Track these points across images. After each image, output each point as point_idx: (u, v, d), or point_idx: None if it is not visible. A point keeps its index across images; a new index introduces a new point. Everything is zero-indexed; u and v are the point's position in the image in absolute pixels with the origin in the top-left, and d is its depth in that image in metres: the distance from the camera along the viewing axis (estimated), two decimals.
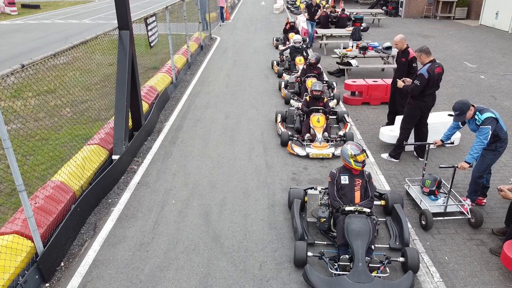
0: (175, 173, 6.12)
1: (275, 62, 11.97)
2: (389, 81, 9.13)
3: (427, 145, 5.44)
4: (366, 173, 4.69)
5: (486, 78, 11.18)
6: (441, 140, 5.34)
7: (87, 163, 5.64)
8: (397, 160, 6.34)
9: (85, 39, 5.46)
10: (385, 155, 6.45)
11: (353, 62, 10.68)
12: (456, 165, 4.82)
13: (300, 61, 11.07)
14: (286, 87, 9.82)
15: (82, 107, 8.76)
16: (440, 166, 4.92)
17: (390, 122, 7.71)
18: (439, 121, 6.83)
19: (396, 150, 6.29)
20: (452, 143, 5.40)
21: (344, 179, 4.61)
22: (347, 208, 4.20)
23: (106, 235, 4.71)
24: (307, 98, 7.51)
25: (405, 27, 20.14)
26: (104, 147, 6.23)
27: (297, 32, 15.12)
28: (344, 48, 11.64)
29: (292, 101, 8.87)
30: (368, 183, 4.64)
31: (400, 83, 6.37)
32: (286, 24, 15.57)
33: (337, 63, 11.81)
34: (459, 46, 15.49)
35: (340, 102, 9.16)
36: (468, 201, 5.17)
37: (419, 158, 6.48)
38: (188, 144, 7.11)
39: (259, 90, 10.19)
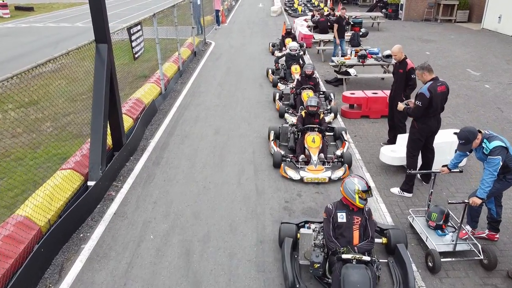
0: (156, 200, 5.58)
1: (270, 71, 11.44)
2: (389, 92, 8.61)
3: (433, 174, 4.91)
4: (366, 209, 4.16)
5: (491, 88, 10.66)
6: (447, 168, 4.82)
7: (58, 193, 5.10)
8: (410, 194, 5.68)
9: (54, 56, 4.92)
10: (395, 190, 5.78)
11: (352, 71, 10.16)
12: (467, 201, 4.30)
13: (296, 70, 10.54)
14: (280, 99, 9.29)
15: (64, 121, 8.23)
16: (450, 202, 4.39)
17: (392, 140, 7.19)
18: (444, 140, 6.28)
19: (408, 183, 5.65)
20: (461, 171, 4.88)
21: (342, 217, 4.09)
22: (344, 256, 3.67)
23: (72, 280, 4.17)
24: (302, 113, 6.98)
25: (405, 31, 19.63)
26: (79, 172, 5.69)
27: (294, 38, 14.59)
28: (342, 55, 11.10)
29: (286, 115, 8.34)
30: (368, 220, 4.12)
31: (400, 106, 5.79)
32: (286, 28, 15.01)
33: (335, 71, 11.28)
34: (461, 51, 14.98)
35: (338, 116, 8.62)
36: (468, 227, 4.69)
37: (423, 182, 5.95)
38: (173, 165, 6.57)
39: (253, 101, 9.65)
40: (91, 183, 5.52)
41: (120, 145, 6.57)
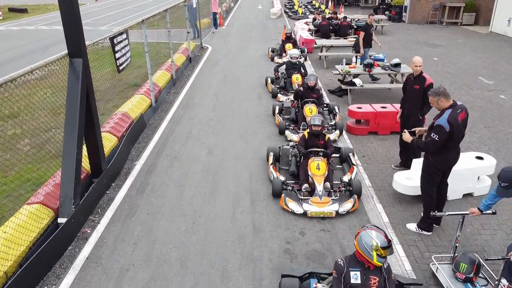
0: (137, 241, 4.82)
1: (269, 80, 10.68)
2: (399, 106, 7.87)
3: (461, 216, 4.15)
4: (385, 266, 3.42)
5: (507, 99, 9.91)
6: (478, 210, 4.07)
7: (21, 235, 4.35)
8: (430, 233, 4.91)
9: (11, 77, 4.17)
10: (412, 226, 5.00)
11: (357, 81, 9.40)
12: (508, 256, 3.55)
13: (297, 80, 9.79)
14: (280, 112, 8.54)
15: (44, 137, 7.46)
16: (487, 258, 3.65)
17: (404, 162, 6.44)
18: (464, 167, 5.54)
19: (427, 220, 4.86)
20: (494, 213, 4.13)
21: (355, 277, 3.34)
22: None
23: None
24: (305, 133, 6.23)
25: (409, 34, 18.88)
26: (49, 206, 4.94)
27: (294, 43, 13.84)
28: (346, 64, 10.35)
29: (287, 132, 7.58)
30: (388, 280, 3.38)
31: (406, 136, 4.87)
32: (286, 33, 14.23)
33: (339, 80, 10.53)
34: (471, 57, 14.23)
35: (344, 132, 7.87)
36: (504, 281, 3.94)
37: (434, 225, 5.12)
38: (159, 194, 5.81)
39: (250, 114, 8.90)
40: (62, 220, 4.77)
41: (100, 171, 5.82)
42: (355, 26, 16.12)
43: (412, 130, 5.03)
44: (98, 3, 38.66)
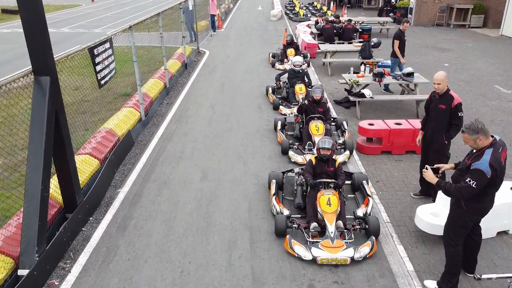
0: None
1: (270, 89, 9.86)
2: (415, 123, 7.08)
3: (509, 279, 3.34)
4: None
5: None
6: None
7: None
8: None
9: None
10: (432, 284, 4.09)
11: (367, 93, 8.59)
12: None
13: (300, 90, 8.99)
14: (283, 128, 7.73)
15: (19, 157, 6.68)
16: None
17: (425, 191, 5.64)
18: (499, 201, 4.70)
19: (449, 279, 3.94)
20: None
21: None
22: None
23: None
24: (312, 159, 5.42)
25: (416, 37, 18.06)
26: (9, 255, 4.13)
27: (296, 48, 13.03)
28: (354, 72, 9.54)
29: (291, 153, 6.76)
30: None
31: (430, 176, 3.92)
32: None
33: (346, 90, 9.73)
34: (484, 63, 13.42)
35: (354, 152, 7.05)
36: None
37: (467, 274, 4.30)
38: (143, 231, 5.00)
39: (250, 129, 8.09)
40: (22, 272, 3.96)
41: (74, 205, 5.00)
42: (360, 30, 15.31)
43: (435, 166, 4.17)
44: (95, 4, 37.86)
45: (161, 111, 9.27)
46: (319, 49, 13.24)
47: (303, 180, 5.36)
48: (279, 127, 7.58)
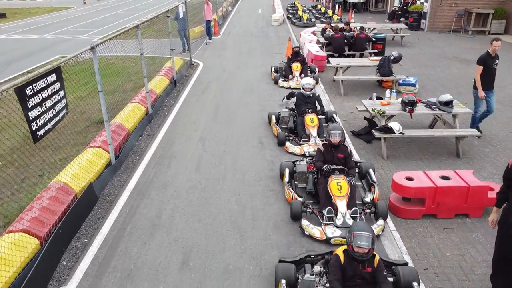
0: None
1: (274, 118, 8.09)
2: (467, 176, 5.33)
3: None
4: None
5: None
6: None
7: None
8: None
9: None
10: None
11: (396, 126, 6.83)
12: None
13: (312, 123, 7.23)
14: (292, 178, 5.96)
15: None
16: None
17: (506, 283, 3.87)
18: None
19: None
20: None
21: None
22: None
23: None
24: (341, 258, 3.66)
25: (433, 45, 16.32)
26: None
27: (303, 61, 11.27)
28: (377, 98, 7.78)
29: (305, 223, 4.97)
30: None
31: None
32: (293, 48, 11.54)
33: (366, 119, 7.99)
34: None
35: (388, 219, 5.27)
36: None
37: None
38: None
39: (249, 177, 6.33)
40: None
41: None
42: (373, 39, 13.55)
43: None
44: (87, 6, 36.10)
45: (139, 147, 7.49)
46: (328, 62, 11.49)
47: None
48: (286, 178, 5.80)
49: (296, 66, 11.07)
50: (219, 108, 9.38)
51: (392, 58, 10.40)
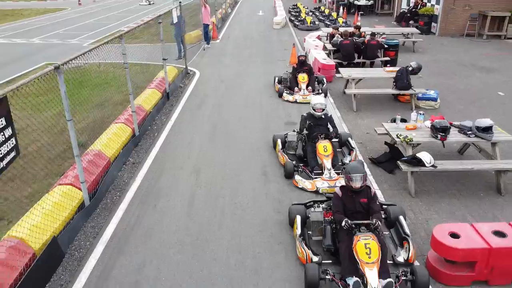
0: None
1: (279, 143, 6.95)
2: None
3: None
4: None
5: None
6: None
7: None
8: None
9: None
10: None
11: (427, 159, 5.70)
12: None
13: (325, 151, 6.11)
14: (304, 226, 4.85)
15: None
16: None
17: None
18: None
19: None
20: None
21: None
22: None
23: None
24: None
25: (447, 52, 15.19)
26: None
27: (309, 71, 10.15)
28: (401, 120, 6.65)
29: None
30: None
31: None
32: (298, 56, 10.40)
33: (386, 143, 6.89)
34: None
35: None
36: None
37: None
38: None
39: (251, 221, 5.21)
40: None
41: None
42: (386, 46, 12.43)
43: None
44: (81, 7, 34.95)
45: (121, 179, 6.36)
46: (338, 72, 10.37)
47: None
48: (298, 229, 4.66)
49: (303, 77, 9.96)
50: (216, 128, 8.26)
51: (410, 69, 9.29)
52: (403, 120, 6.70)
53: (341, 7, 24.28)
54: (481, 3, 17.52)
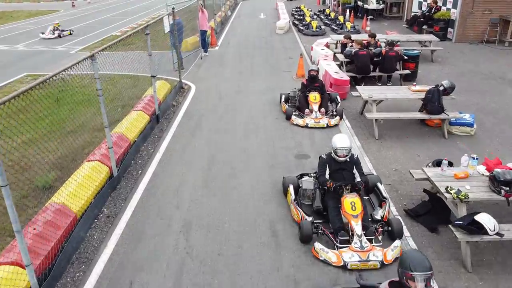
0: None
1: (291, 190, 5.52)
2: None
3: None
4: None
5: None
6: None
7: None
8: None
9: None
10: None
11: (490, 224, 4.30)
12: None
13: (354, 211, 4.68)
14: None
15: None
16: None
17: None
18: None
19: None
20: None
21: None
22: None
23: None
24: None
25: (468, 60, 13.79)
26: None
27: (321, 88, 8.75)
28: (448, 164, 5.22)
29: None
30: None
31: None
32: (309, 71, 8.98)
33: (426, 191, 5.49)
34: None
35: None
36: None
37: None
38: None
39: None
40: None
41: None
42: (405, 57, 11.02)
43: None
44: (75, 9, 33.54)
45: (89, 243, 4.93)
46: (354, 90, 8.96)
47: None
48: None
49: (314, 97, 8.56)
50: (213, 163, 6.84)
51: (442, 89, 7.89)
52: (450, 164, 5.29)
53: (348, 10, 22.90)
54: (502, 7, 16.13)
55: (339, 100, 9.12)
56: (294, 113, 8.57)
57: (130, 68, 9.00)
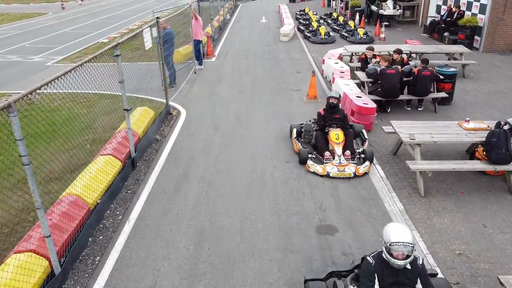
0: None
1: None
2: None
3: None
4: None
5: None
6: None
7: None
8: None
9: None
10: None
11: None
12: None
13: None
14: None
15: None
16: None
17: None
18: None
19: None
20: None
21: None
22: None
23: None
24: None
25: (504, 75, 11.87)
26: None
27: (344, 122, 6.81)
28: None
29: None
30: None
31: None
32: (328, 98, 7.08)
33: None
34: None
35: None
36: None
37: None
38: None
39: None
40: None
41: None
42: (441, 77, 9.05)
43: None
44: (64, 12, 31.54)
45: None
46: (379, 112, 7.00)
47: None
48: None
49: (336, 136, 6.58)
50: (203, 242, 4.87)
51: (508, 128, 5.93)
52: None
53: (357, 14, 20.94)
54: None
55: (365, 136, 7.17)
56: (309, 155, 6.60)
57: (113, 85, 6.91)
